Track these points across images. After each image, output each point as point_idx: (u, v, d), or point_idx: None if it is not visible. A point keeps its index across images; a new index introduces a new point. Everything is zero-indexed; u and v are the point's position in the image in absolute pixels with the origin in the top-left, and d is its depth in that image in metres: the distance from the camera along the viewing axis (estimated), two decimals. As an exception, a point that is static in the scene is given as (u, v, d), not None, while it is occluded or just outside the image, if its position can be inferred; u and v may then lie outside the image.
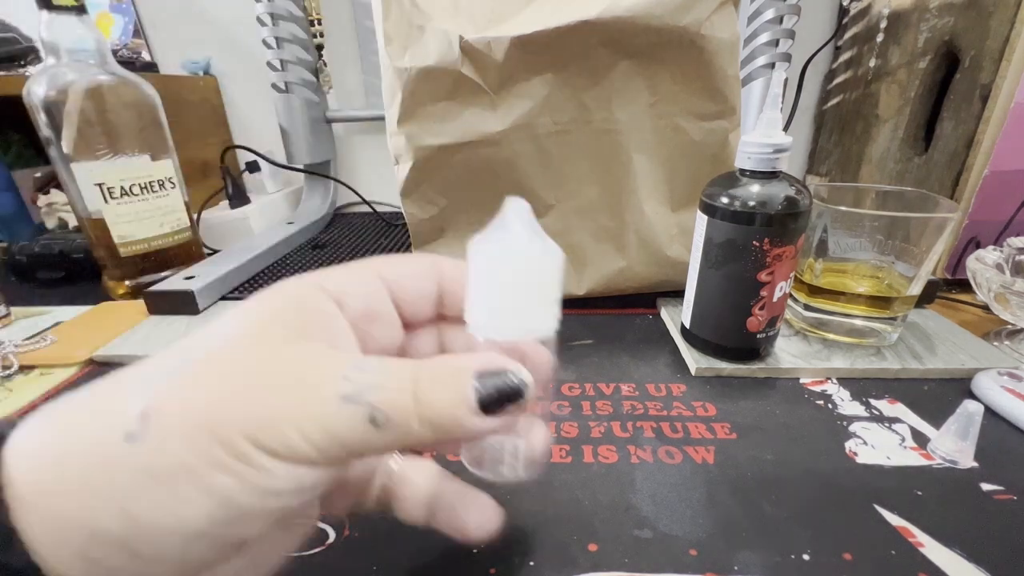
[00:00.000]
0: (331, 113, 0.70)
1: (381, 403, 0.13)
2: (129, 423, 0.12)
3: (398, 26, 0.34)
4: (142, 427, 0.12)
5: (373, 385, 0.13)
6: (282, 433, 0.13)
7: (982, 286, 0.36)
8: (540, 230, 0.16)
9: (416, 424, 0.13)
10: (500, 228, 0.16)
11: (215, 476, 0.12)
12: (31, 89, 0.40)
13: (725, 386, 0.32)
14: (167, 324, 0.40)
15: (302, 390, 0.13)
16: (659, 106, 0.36)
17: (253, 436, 0.12)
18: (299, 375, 0.14)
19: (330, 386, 0.13)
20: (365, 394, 0.13)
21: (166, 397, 0.13)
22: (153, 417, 0.12)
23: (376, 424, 0.13)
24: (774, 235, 0.29)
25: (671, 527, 0.22)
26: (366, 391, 0.13)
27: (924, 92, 0.48)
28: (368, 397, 0.13)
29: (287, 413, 0.13)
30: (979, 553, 0.21)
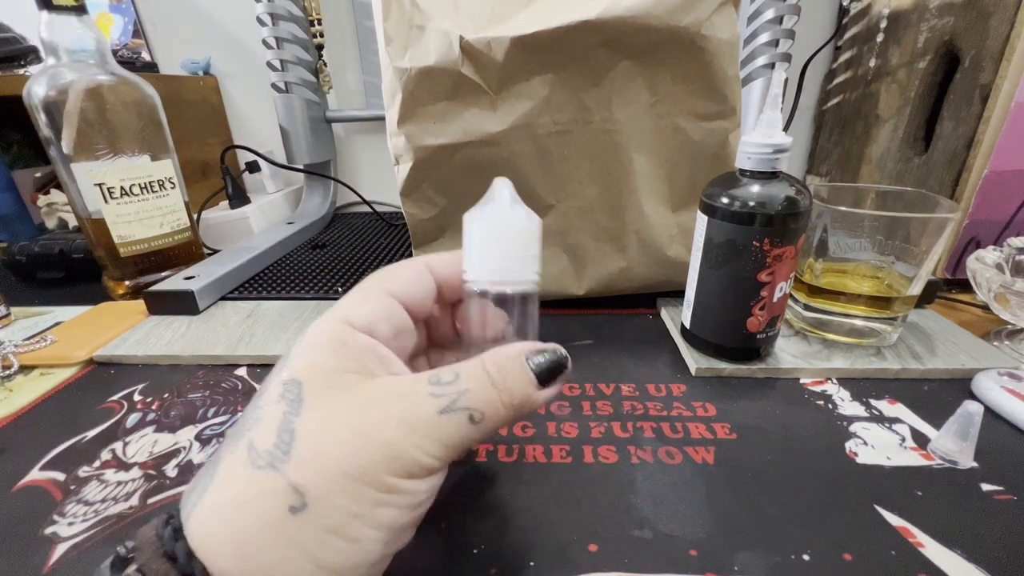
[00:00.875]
0: (331, 113, 0.70)
1: (474, 403, 0.16)
2: (289, 499, 0.14)
3: (398, 26, 0.34)
4: (301, 498, 0.14)
5: (461, 391, 0.16)
6: (412, 458, 0.15)
7: (982, 286, 0.36)
8: (520, 201, 0.19)
9: (502, 410, 0.17)
10: (488, 200, 0.19)
11: (378, 512, 0.15)
12: (31, 89, 0.40)
13: (725, 386, 0.32)
14: (167, 324, 0.40)
15: (408, 418, 0.16)
16: (659, 106, 0.36)
17: (393, 469, 0.15)
18: (396, 408, 0.16)
19: (426, 407, 0.16)
20: (458, 402, 0.16)
21: (304, 467, 0.14)
22: (306, 487, 0.14)
23: (474, 421, 0.16)
24: (774, 235, 0.29)
25: (671, 527, 0.22)
26: (458, 399, 0.16)
27: (924, 92, 0.48)
28: (461, 403, 0.16)
29: (408, 441, 0.15)
30: (979, 553, 0.21)
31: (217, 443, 0.28)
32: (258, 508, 0.14)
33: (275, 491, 0.14)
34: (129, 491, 0.25)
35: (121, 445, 0.28)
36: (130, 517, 0.24)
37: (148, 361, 0.37)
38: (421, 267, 0.21)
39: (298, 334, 0.39)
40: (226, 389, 0.33)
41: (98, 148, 0.42)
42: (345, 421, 0.15)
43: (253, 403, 0.17)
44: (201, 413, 0.31)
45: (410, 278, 0.20)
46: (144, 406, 0.32)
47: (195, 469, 0.27)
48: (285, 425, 0.15)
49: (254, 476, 0.15)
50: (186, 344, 0.38)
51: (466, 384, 0.17)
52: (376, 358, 0.17)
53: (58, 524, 0.23)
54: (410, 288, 0.20)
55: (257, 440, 0.15)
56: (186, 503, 0.15)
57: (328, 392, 0.16)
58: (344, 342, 0.17)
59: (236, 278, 0.48)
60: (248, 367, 0.36)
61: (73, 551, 0.22)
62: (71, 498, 0.25)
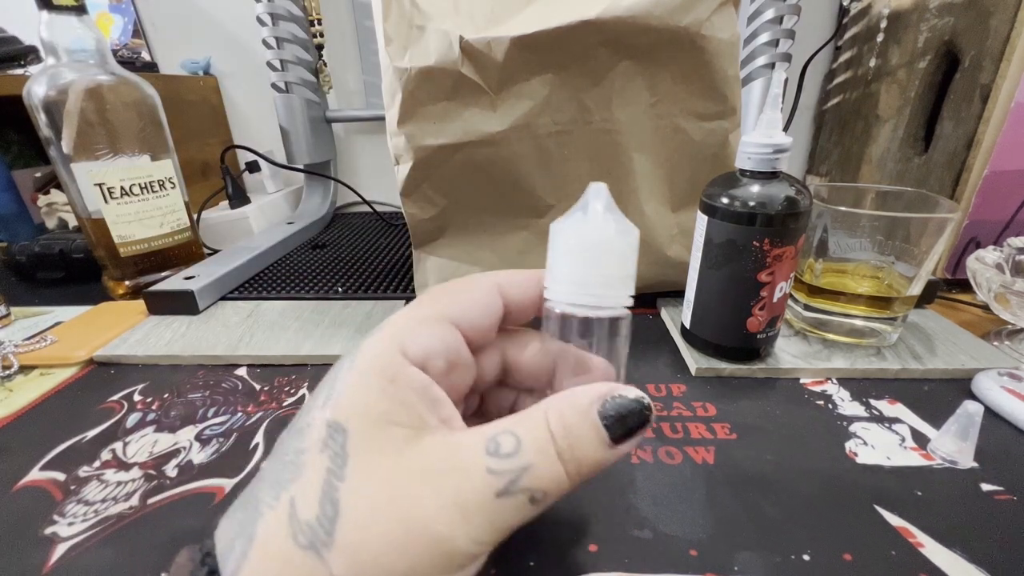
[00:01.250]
0: (331, 113, 0.70)
1: (537, 483, 0.14)
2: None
3: (398, 26, 0.34)
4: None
5: (521, 469, 0.14)
6: (462, 551, 0.13)
7: (982, 286, 0.36)
8: (617, 210, 0.17)
9: (567, 483, 0.14)
10: (580, 209, 0.17)
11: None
12: (31, 89, 0.40)
13: (725, 386, 0.32)
14: (167, 324, 0.40)
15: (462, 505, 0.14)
16: (659, 106, 0.36)
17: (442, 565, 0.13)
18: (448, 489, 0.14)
19: (484, 489, 0.14)
20: (518, 483, 0.14)
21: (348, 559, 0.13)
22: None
23: (535, 502, 0.14)
24: (774, 235, 0.29)
25: (671, 527, 0.22)
26: (518, 479, 0.14)
27: (924, 92, 0.48)
28: (521, 484, 0.14)
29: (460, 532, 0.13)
30: (979, 553, 0.21)
31: (217, 443, 0.28)
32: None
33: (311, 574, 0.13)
34: (129, 491, 0.25)
35: (121, 445, 0.28)
36: (130, 517, 0.24)
37: (148, 361, 0.37)
38: (491, 288, 0.18)
39: (298, 334, 0.39)
40: (226, 389, 0.33)
41: (98, 148, 0.42)
42: (392, 499, 0.14)
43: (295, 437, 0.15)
44: (201, 413, 0.31)
45: (478, 302, 0.18)
46: (144, 406, 0.32)
47: (195, 469, 0.27)
48: (328, 492, 0.14)
49: (295, 556, 0.13)
50: (186, 344, 0.38)
51: (529, 458, 0.14)
52: (428, 401, 0.16)
53: (58, 524, 0.23)
54: (475, 315, 0.18)
55: (299, 504, 0.14)
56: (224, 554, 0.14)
57: (373, 450, 0.14)
58: (394, 379, 0.15)
59: (236, 278, 0.48)
60: (248, 367, 0.36)
61: (73, 551, 0.22)
62: (71, 498, 0.25)
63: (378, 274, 0.50)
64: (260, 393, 0.33)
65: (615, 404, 0.15)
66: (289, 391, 0.33)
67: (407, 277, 0.48)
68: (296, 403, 0.32)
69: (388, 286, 0.47)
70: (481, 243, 0.41)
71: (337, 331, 0.39)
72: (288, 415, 0.31)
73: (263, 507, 0.14)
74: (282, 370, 0.35)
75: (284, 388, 0.33)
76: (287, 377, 0.35)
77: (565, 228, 0.17)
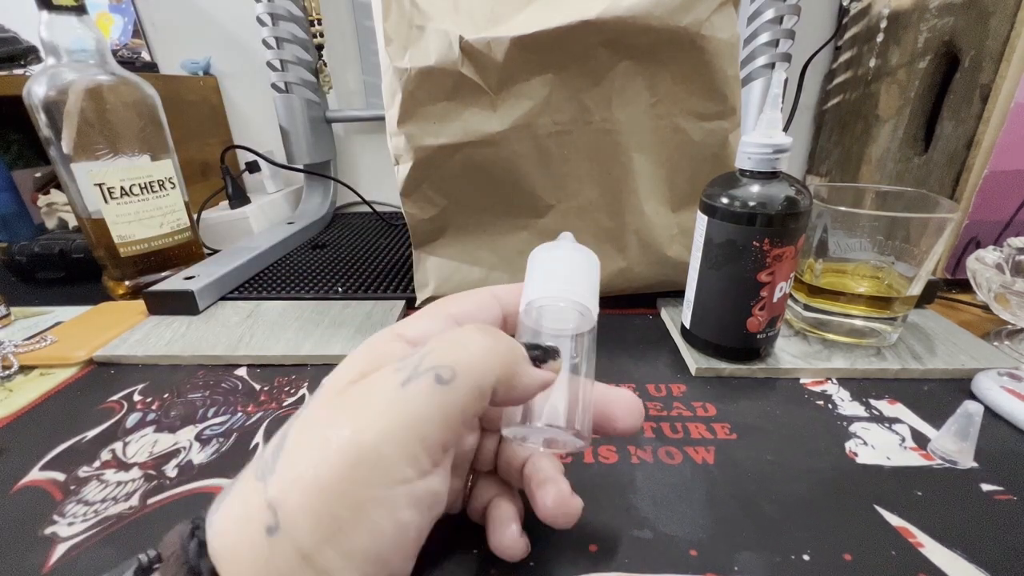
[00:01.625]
0: (331, 113, 0.70)
1: (439, 360, 0.14)
2: (266, 517, 0.13)
3: (398, 26, 0.34)
4: (275, 518, 0.13)
5: (424, 354, 0.14)
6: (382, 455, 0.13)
7: (982, 286, 0.36)
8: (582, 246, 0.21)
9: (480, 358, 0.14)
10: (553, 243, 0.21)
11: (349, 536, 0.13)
12: (31, 89, 0.40)
13: (725, 386, 0.32)
14: (167, 324, 0.40)
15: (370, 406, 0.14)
16: (659, 106, 0.36)
17: (362, 476, 0.13)
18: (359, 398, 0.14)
19: (388, 384, 0.14)
20: (421, 365, 0.14)
21: (281, 481, 0.13)
22: (278, 507, 0.13)
23: (444, 380, 0.14)
24: (774, 235, 0.29)
25: (671, 527, 0.22)
26: (420, 363, 0.14)
27: (924, 92, 0.48)
28: (424, 365, 0.14)
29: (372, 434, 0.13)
30: (979, 553, 0.21)
31: (217, 443, 0.28)
32: (246, 525, 0.13)
33: (258, 507, 0.13)
34: (129, 491, 0.25)
35: (121, 445, 0.28)
36: (130, 517, 0.24)
37: (148, 361, 0.37)
38: (487, 295, 0.20)
39: (298, 334, 0.39)
40: (226, 389, 0.33)
41: (98, 148, 0.42)
42: (317, 423, 0.14)
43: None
44: (201, 413, 0.31)
45: (475, 302, 0.20)
46: (144, 406, 0.32)
47: (195, 469, 0.27)
48: (285, 430, 0.15)
49: (249, 487, 0.14)
50: (186, 344, 0.38)
51: (429, 346, 0.15)
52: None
53: (58, 524, 0.23)
54: (472, 311, 0.19)
55: (269, 446, 0.15)
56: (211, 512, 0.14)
57: (328, 395, 0.15)
58: (374, 347, 0.17)
59: (236, 278, 0.48)
60: (248, 367, 0.36)
61: (73, 551, 0.22)
62: (71, 498, 0.25)
63: (378, 274, 0.50)
64: (260, 393, 0.33)
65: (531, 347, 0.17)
66: (289, 391, 0.33)
67: (407, 277, 0.48)
68: (296, 403, 0.32)
69: (388, 286, 0.47)
70: (481, 243, 0.41)
71: (337, 331, 0.39)
72: (288, 415, 0.31)
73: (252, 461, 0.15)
74: (282, 370, 0.35)
75: (284, 388, 0.33)
76: (287, 377, 0.35)
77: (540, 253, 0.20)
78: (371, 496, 0.13)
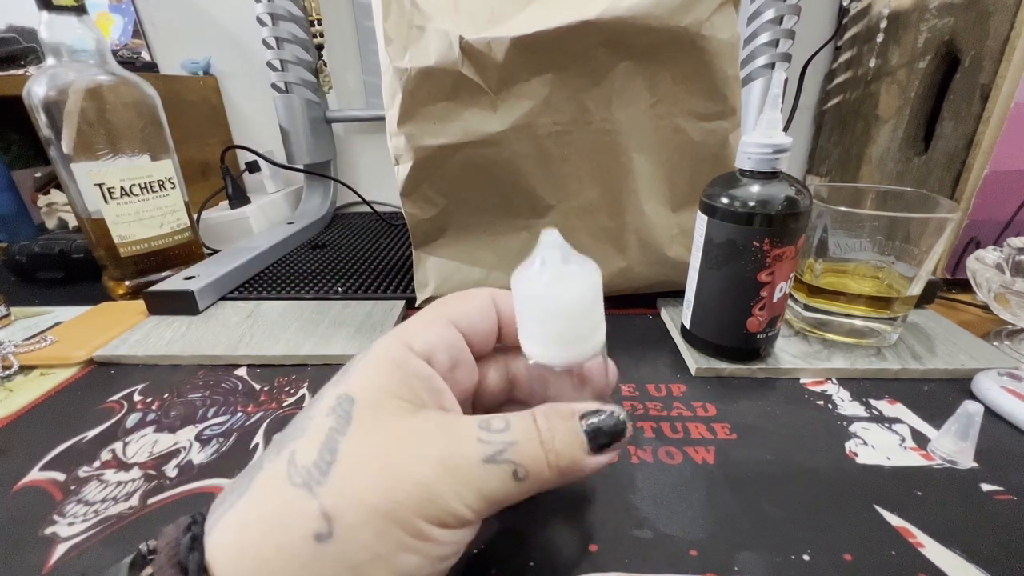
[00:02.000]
0: (331, 113, 0.70)
1: (520, 458, 0.15)
2: (316, 524, 0.13)
3: (398, 26, 0.34)
4: (328, 527, 0.13)
5: (509, 443, 0.15)
6: (448, 505, 0.14)
7: (982, 286, 0.36)
8: (575, 253, 0.17)
9: (547, 471, 0.16)
10: (536, 261, 0.17)
11: (401, 557, 0.14)
12: (31, 89, 0.40)
13: (725, 386, 0.32)
14: (167, 324, 0.40)
15: (449, 460, 0.15)
16: (659, 106, 0.36)
17: (425, 513, 0.14)
18: (437, 446, 0.15)
19: (472, 453, 0.15)
20: (505, 453, 0.15)
21: (337, 494, 0.14)
22: (336, 516, 0.13)
23: (518, 478, 0.15)
24: (774, 235, 0.29)
25: (671, 527, 0.22)
26: (505, 450, 0.15)
27: (924, 92, 0.48)
28: (508, 456, 0.15)
29: (445, 484, 0.14)
30: (979, 553, 0.21)
31: (217, 443, 0.28)
32: (284, 528, 0.13)
33: (305, 513, 0.13)
34: (129, 491, 0.25)
35: (121, 445, 0.28)
36: (130, 517, 0.24)
37: (148, 361, 0.37)
38: (487, 299, 0.20)
39: (298, 334, 0.39)
40: (226, 389, 0.33)
41: (98, 148, 0.42)
42: (384, 451, 0.15)
43: (305, 411, 0.17)
44: (201, 413, 0.31)
45: (475, 306, 0.19)
46: (144, 406, 0.32)
47: (195, 469, 0.27)
48: (329, 443, 0.15)
49: (287, 492, 0.14)
50: (186, 344, 0.38)
51: (515, 436, 0.16)
52: (429, 388, 0.17)
53: (58, 524, 0.23)
54: (474, 319, 0.19)
55: (299, 453, 0.15)
56: (216, 509, 0.15)
57: (377, 415, 0.15)
58: (401, 365, 0.17)
59: (236, 278, 0.48)
60: (248, 367, 0.36)
61: (73, 551, 0.22)
62: (71, 498, 0.25)
63: (378, 274, 0.50)
64: (260, 393, 0.33)
65: (593, 415, 0.17)
66: (289, 391, 0.33)
67: (407, 277, 0.48)
68: (296, 403, 0.32)
69: (388, 286, 0.47)
70: (481, 243, 0.41)
71: (337, 331, 0.39)
72: (288, 415, 0.31)
73: (265, 462, 0.15)
74: (282, 370, 0.35)
75: (284, 388, 0.33)
76: (287, 377, 0.35)
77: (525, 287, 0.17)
78: (425, 529, 0.14)
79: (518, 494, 0.16)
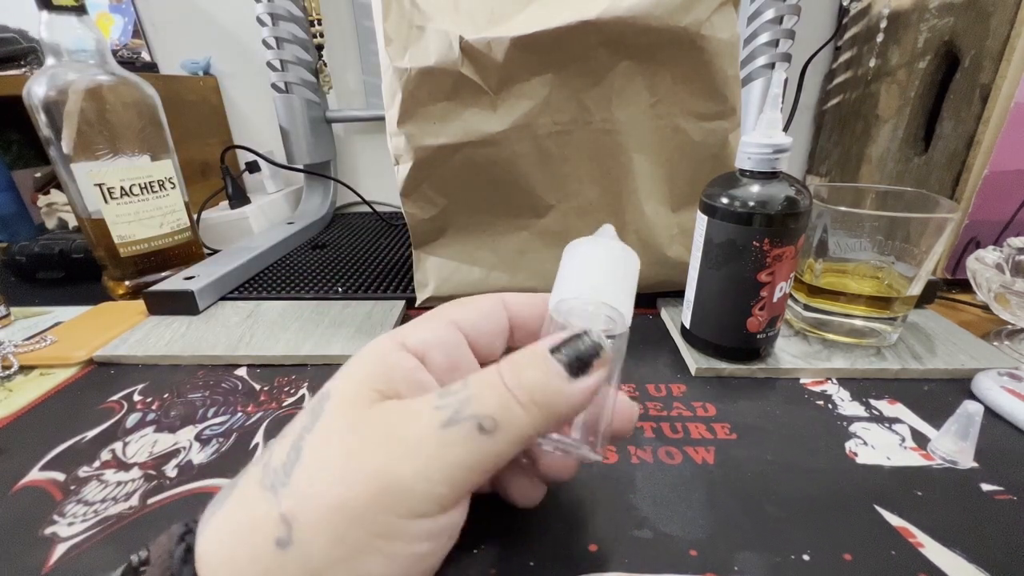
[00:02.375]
0: (331, 113, 0.70)
1: (482, 408, 0.14)
2: (276, 529, 0.13)
3: (398, 26, 0.34)
4: (288, 531, 0.13)
5: (466, 399, 0.14)
6: (413, 488, 0.13)
7: (982, 286, 0.36)
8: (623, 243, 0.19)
9: (521, 411, 0.14)
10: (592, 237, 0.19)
11: (365, 560, 0.13)
12: (31, 89, 0.40)
13: (725, 386, 0.32)
14: (167, 324, 0.40)
15: (405, 438, 0.14)
16: (659, 106, 0.36)
17: (388, 505, 0.13)
18: (393, 428, 0.14)
19: (428, 422, 0.14)
20: (463, 410, 0.14)
21: (297, 495, 0.13)
22: (293, 521, 0.13)
23: (485, 430, 0.13)
24: (774, 235, 0.29)
25: (671, 527, 0.22)
26: (462, 407, 0.14)
27: (924, 92, 0.48)
28: (467, 411, 0.14)
29: (405, 466, 0.13)
30: (979, 553, 0.21)
31: (217, 443, 0.28)
32: (251, 535, 0.13)
33: (267, 518, 0.13)
34: (129, 491, 0.25)
35: (121, 445, 0.28)
36: (130, 517, 0.24)
37: (148, 361, 0.37)
38: (495, 301, 0.19)
39: (298, 334, 0.39)
40: (226, 389, 0.33)
41: (98, 148, 0.42)
42: (346, 444, 0.14)
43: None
44: (201, 413, 0.31)
45: (481, 309, 0.19)
46: (144, 406, 0.32)
47: (194, 469, 0.27)
48: (296, 441, 0.14)
49: (256, 497, 0.14)
50: (186, 344, 0.38)
51: (473, 391, 0.14)
52: (409, 380, 0.16)
53: (58, 524, 0.23)
54: (478, 320, 0.18)
55: (275, 455, 0.14)
56: (205, 517, 0.14)
57: (345, 408, 0.15)
58: (384, 359, 0.16)
59: (236, 278, 0.48)
60: (248, 367, 0.36)
61: (73, 551, 0.22)
62: (71, 498, 0.25)
63: (378, 274, 0.50)
64: (260, 393, 0.33)
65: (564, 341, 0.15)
66: (289, 391, 0.33)
67: (407, 277, 0.48)
68: (296, 403, 0.32)
69: (388, 286, 0.47)
70: (481, 243, 0.41)
71: (337, 331, 0.39)
72: (288, 415, 0.31)
73: (250, 466, 0.15)
74: (282, 370, 0.35)
75: (284, 388, 0.33)
76: (287, 377, 0.35)
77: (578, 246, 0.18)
78: (392, 525, 0.13)
79: (495, 453, 0.14)
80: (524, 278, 0.41)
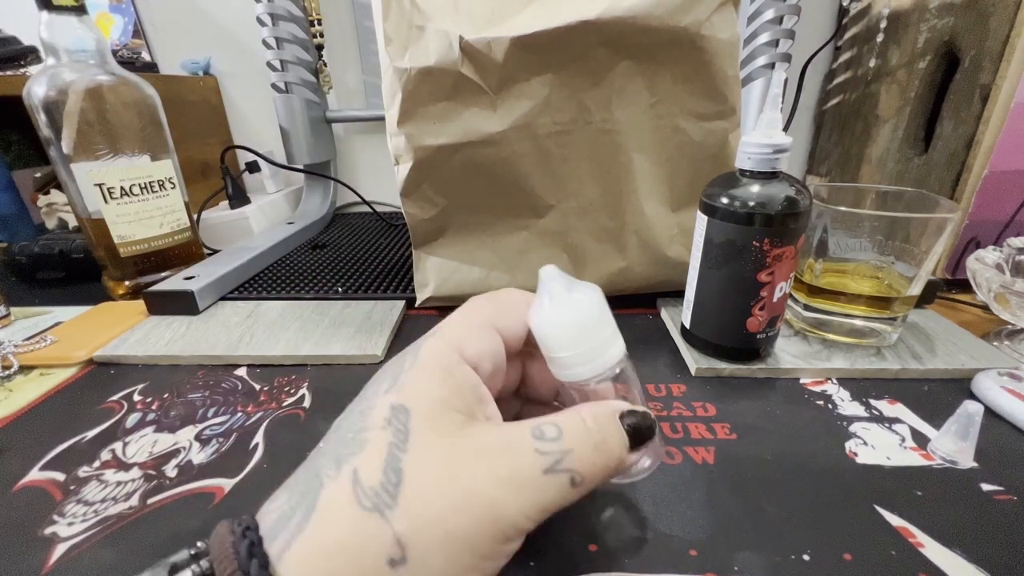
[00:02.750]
0: (331, 113, 0.70)
1: (577, 465, 0.16)
2: (390, 550, 0.14)
3: (398, 26, 0.34)
4: (402, 552, 0.14)
5: (565, 451, 0.16)
6: (513, 521, 0.15)
7: (982, 286, 0.36)
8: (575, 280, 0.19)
9: (600, 473, 0.16)
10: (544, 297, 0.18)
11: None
12: (31, 89, 0.40)
13: (725, 386, 0.32)
14: (167, 324, 0.40)
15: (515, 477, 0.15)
16: (659, 106, 0.36)
17: (494, 533, 0.15)
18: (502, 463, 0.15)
19: (531, 465, 0.15)
20: (562, 463, 0.16)
21: (412, 518, 0.14)
22: (409, 542, 0.14)
23: (575, 484, 0.16)
24: (774, 235, 0.29)
25: (671, 527, 0.22)
26: (563, 459, 0.16)
27: (924, 92, 0.48)
28: (565, 464, 0.16)
29: (512, 503, 0.15)
30: (979, 553, 0.21)
31: (217, 443, 0.28)
32: (360, 554, 0.14)
33: (379, 539, 0.14)
34: (129, 491, 0.25)
35: (121, 445, 0.28)
36: (130, 517, 0.24)
37: (148, 361, 0.37)
38: (524, 305, 0.20)
39: (298, 334, 0.39)
40: (226, 389, 0.33)
41: (98, 148, 0.42)
42: (451, 471, 0.15)
43: (356, 417, 0.17)
44: (201, 413, 0.31)
45: (516, 315, 0.20)
46: (144, 406, 0.32)
47: (194, 469, 0.27)
48: (392, 462, 0.15)
49: (359, 517, 0.14)
50: (186, 344, 0.38)
51: (570, 443, 0.16)
52: (477, 397, 0.17)
53: (58, 524, 0.23)
54: (513, 325, 0.19)
55: (363, 472, 0.15)
56: (278, 528, 0.14)
57: (434, 430, 0.16)
58: (452, 373, 0.17)
59: (236, 278, 0.48)
60: (248, 367, 0.36)
61: (73, 551, 0.22)
62: (71, 498, 0.25)
63: (378, 274, 0.50)
64: (260, 393, 0.33)
65: (630, 415, 0.18)
66: (289, 391, 0.33)
67: (407, 277, 0.48)
68: (296, 403, 0.32)
69: (388, 286, 0.47)
70: (481, 243, 0.41)
71: (337, 331, 0.39)
72: (288, 415, 0.31)
73: (324, 479, 0.15)
74: (282, 370, 0.35)
75: (284, 388, 0.33)
76: (287, 377, 0.35)
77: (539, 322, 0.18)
78: (494, 549, 0.15)
79: (570, 500, 0.16)
80: (524, 278, 0.41)
